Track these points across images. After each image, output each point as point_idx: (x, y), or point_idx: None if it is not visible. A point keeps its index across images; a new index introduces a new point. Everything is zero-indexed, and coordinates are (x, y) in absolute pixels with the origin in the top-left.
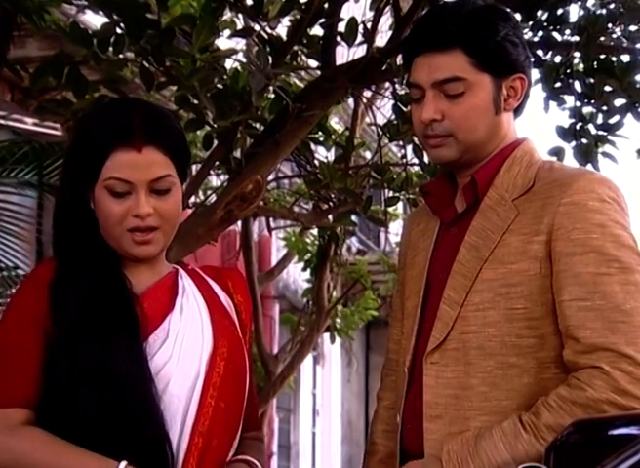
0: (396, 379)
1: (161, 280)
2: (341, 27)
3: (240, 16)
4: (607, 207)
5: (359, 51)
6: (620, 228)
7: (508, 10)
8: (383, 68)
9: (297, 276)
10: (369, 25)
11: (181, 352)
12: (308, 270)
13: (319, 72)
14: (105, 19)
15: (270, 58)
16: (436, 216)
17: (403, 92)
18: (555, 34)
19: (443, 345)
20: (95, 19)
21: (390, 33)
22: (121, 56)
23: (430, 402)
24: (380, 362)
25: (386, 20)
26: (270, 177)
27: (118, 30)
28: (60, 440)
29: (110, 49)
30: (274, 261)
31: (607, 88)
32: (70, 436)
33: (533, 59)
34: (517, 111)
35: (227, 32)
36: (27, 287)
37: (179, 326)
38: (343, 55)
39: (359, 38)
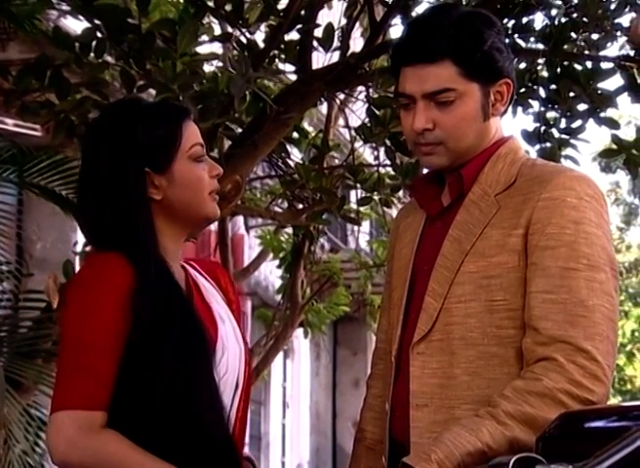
0: (384, 368)
1: (190, 280)
2: (317, 33)
3: (217, 21)
4: (584, 204)
5: (333, 56)
6: (595, 226)
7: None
8: (358, 73)
9: (268, 273)
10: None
11: (230, 364)
12: (280, 267)
13: (296, 76)
14: (86, 24)
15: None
16: (423, 210)
17: (376, 95)
18: (520, 41)
19: (428, 336)
20: (74, 24)
21: (360, 39)
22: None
23: (416, 391)
24: (347, 356)
25: (357, 28)
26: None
27: (99, 34)
28: (140, 447)
29: (92, 53)
30: (247, 259)
31: (570, 94)
32: (143, 443)
33: None
34: (502, 112)
35: (205, 37)
36: (105, 287)
37: (226, 338)
38: (318, 60)
39: (335, 43)
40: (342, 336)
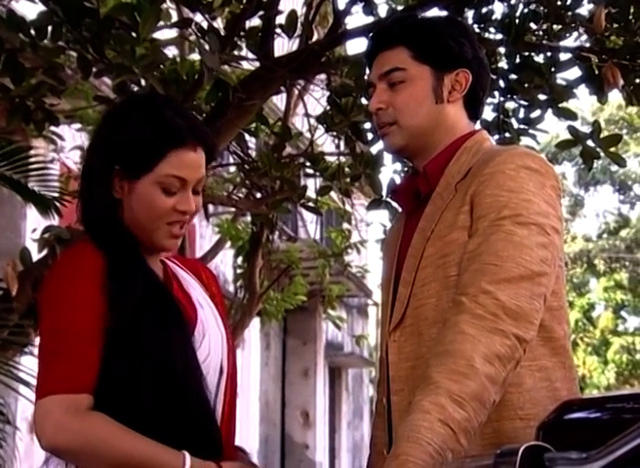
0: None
1: (168, 272)
2: (278, 20)
3: (174, 6)
4: (522, 175)
5: (294, 43)
6: (532, 195)
7: (458, 18)
8: (322, 61)
9: (219, 262)
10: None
11: (212, 347)
12: (231, 257)
13: (258, 63)
14: (40, 8)
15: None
16: (403, 211)
17: (338, 83)
18: (479, 31)
19: (402, 323)
20: (25, 7)
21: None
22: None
23: (395, 377)
24: (297, 346)
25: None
26: None
27: (55, 19)
28: (127, 428)
29: (48, 37)
30: (198, 248)
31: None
32: (127, 423)
33: None
34: (473, 110)
35: (162, 22)
36: (79, 274)
37: (206, 321)
38: (280, 47)
39: (298, 30)
40: (292, 326)
